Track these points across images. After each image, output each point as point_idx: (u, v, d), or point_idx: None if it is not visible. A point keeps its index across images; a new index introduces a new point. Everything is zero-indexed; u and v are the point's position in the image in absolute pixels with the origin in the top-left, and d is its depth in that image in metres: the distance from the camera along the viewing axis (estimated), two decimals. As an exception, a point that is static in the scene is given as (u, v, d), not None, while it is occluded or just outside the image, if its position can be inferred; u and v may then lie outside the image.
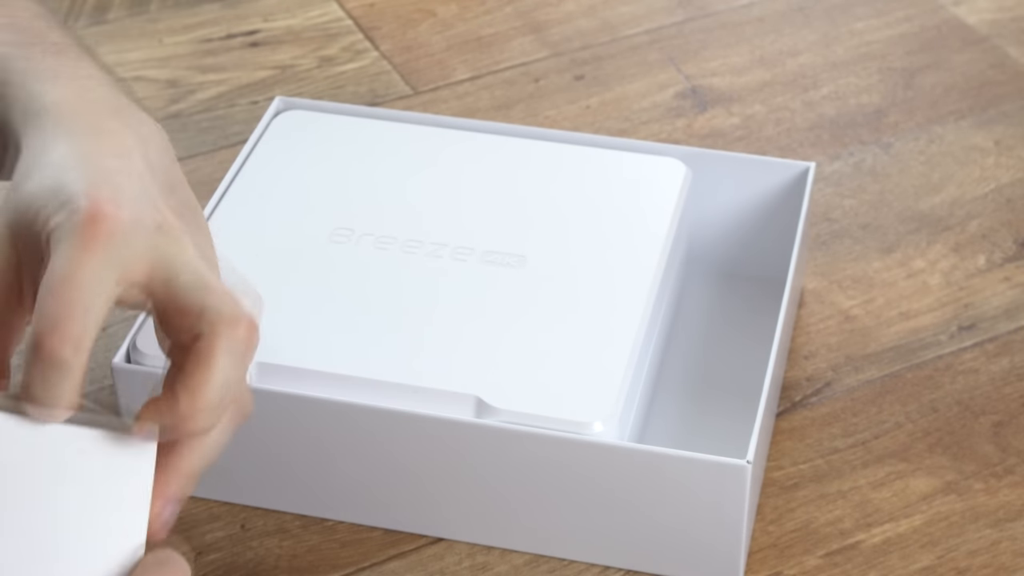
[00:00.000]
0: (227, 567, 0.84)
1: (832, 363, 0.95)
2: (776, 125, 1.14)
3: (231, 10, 1.26)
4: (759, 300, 0.97)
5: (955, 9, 1.25)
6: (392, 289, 0.87)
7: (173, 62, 1.21)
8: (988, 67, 1.19)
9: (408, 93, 1.18)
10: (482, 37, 1.23)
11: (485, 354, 0.84)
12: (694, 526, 0.81)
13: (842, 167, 1.10)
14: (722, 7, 1.26)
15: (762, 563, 0.84)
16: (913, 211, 1.06)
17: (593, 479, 0.81)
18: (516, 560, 0.85)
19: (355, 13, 1.26)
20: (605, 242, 0.90)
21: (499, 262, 0.89)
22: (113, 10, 1.26)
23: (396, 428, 0.82)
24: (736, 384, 0.92)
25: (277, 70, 1.20)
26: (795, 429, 0.91)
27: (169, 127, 1.14)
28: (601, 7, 1.26)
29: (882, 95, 1.17)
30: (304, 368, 0.83)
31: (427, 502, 0.84)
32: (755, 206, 0.98)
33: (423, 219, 0.92)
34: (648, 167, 0.95)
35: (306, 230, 0.91)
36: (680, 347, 0.95)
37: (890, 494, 0.88)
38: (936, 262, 1.02)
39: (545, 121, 1.14)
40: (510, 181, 0.95)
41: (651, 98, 1.16)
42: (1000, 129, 1.13)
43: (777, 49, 1.21)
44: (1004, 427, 0.92)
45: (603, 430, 0.80)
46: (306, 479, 0.85)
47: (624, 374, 0.83)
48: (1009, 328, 0.98)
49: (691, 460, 0.79)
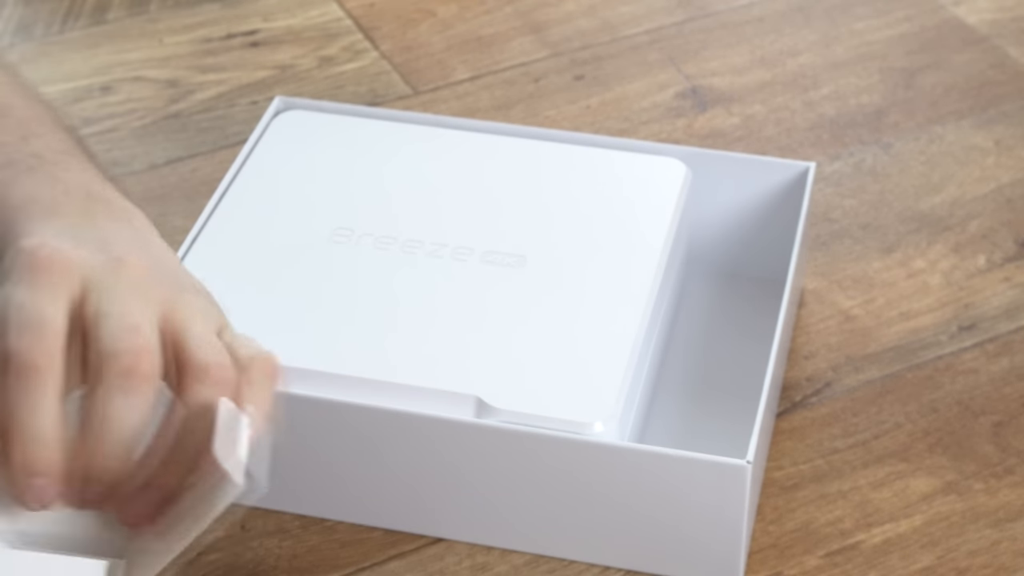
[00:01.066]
0: (227, 567, 0.84)
1: (832, 363, 0.95)
2: (776, 125, 1.14)
3: (231, 10, 1.26)
4: (759, 300, 0.97)
5: (955, 9, 1.25)
6: (392, 289, 0.87)
7: (173, 62, 1.21)
8: (988, 67, 1.19)
9: (408, 93, 1.18)
10: (482, 37, 1.23)
11: (485, 354, 0.84)
12: (694, 526, 0.81)
13: (842, 167, 1.10)
14: (722, 7, 1.26)
15: (762, 563, 0.84)
16: (913, 211, 1.06)
17: (593, 479, 0.81)
18: (516, 560, 0.85)
19: (355, 13, 1.26)
20: (605, 242, 0.90)
21: (499, 262, 0.89)
22: (113, 10, 1.26)
23: (396, 428, 0.82)
24: (736, 384, 0.92)
25: (277, 70, 1.20)
26: (795, 429, 0.91)
27: (169, 127, 1.14)
28: (601, 7, 1.26)
29: (882, 95, 1.17)
30: (304, 368, 0.83)
31: (427, 502, 0.84)
32: (755, 206, 0.98)
33: (423, 219, 0.92)
34: (648, 167, 0.95)
35: (306, 230, 0.91)
36: (680, 347, 0.95)
37: (890, 494, 0.88)
38: (936, 262, 1.02)
39: (545, 121, 1.14)
40: (510, 181, 0.95)
41: (651, 98, 1.16)
42: (1000, 129, 1.13)
43: (777, 49, 1.21)
44: (1004, 427, 0.92)
45: (603, 430, 0.80)
46: (306, 479, 0.85)
47: (624, 374, 0.83)
48: (1009, 328, 0.98)
49: (691, 460, 0.79)
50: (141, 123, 1.15)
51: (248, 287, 0.88)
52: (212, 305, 0.67)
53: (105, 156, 1.11)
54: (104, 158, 1.11)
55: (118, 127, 1.14)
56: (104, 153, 1.11)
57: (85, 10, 1.26)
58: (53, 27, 1.24)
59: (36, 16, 1.25)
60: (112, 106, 1.16)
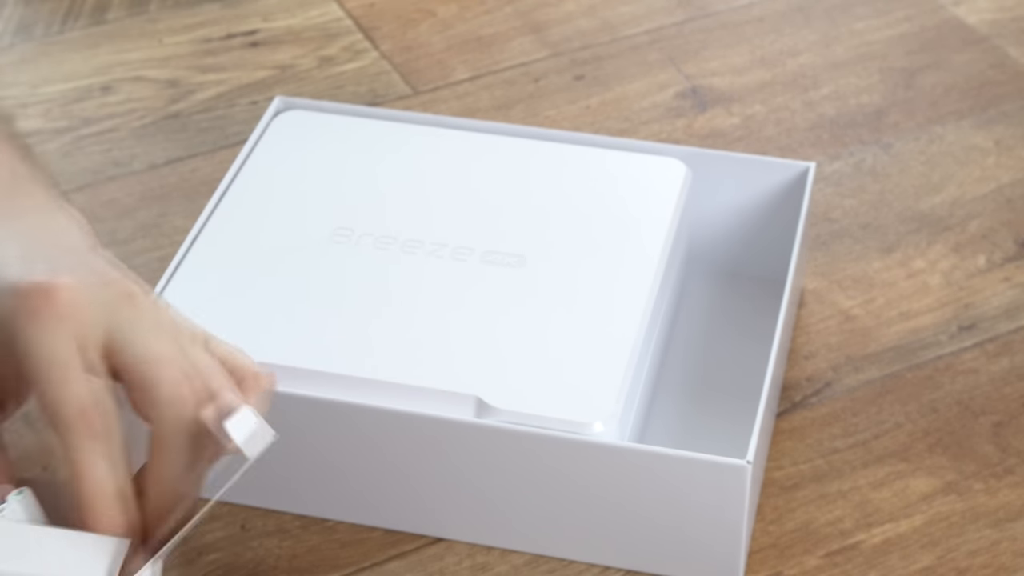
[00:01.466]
0: (227, 567, 0.84)
1: (832, 363, 0.95)
2: (776, 125, 1.14)
3: (231, 10, 1.26)
4: (759, 300, 0.97)
5: (955, 9, 1.25)
6: (392, 289, 0.87)
7: (173, 62, 1.21)
8: (988, 67, 1.19)
9: (408, 93, 1.18)
10: (482, 37, 1.23)
11: (485, 354, 0.84)
12: (694, 526, 0.81)
13: (842, 167, 1.10)
14: (722, 7, 1.26)
15: (762, 563, 0.84)
16: (913, 211, 1.06)
17: (593, 479, 0.81)
18: (516, 560, 0.85)
19: (355, 13, 1.26)
20: (605, 242, 0.90)
21: (499, 262, 0.89)
22: (113, 10, 1.26)
23: (396, 428, 0.82)
24: (736, 384, 0.92)
25: (277, 70, 1.20)
26: (795, 429, 0.91)
27: (169, 127, 1.14)
28: (601, 7, 1.26)
29: (882, 95, 1.17)
30: (304, 368, 0.83)
31: (427, 502, 0.84)
32: (755, 206, 0.98)
33: (423, 219, 0.92)
34: (648, 167, 0.95)
35: (306, 230, 0.91)
36: (680, 347, 0.95)
37: (890, 494, 0.88)
38: (936, 262, 1.02)
39: (545, 121, 1.14)
40: (510, 181, 0.95)
41: (651, 98, 1.16)
42: (1000, 129, 1.13)
43: (777, 49, 1.21)
44: (1004, 427, 0.92)
45: (603, 430, 0.80)
46: (306, 479, 0.85)
47: (624, 374, 0.83)
48: (1009, 328, 0.98)
49: (691, 460, 0.79)
50: (141, 123, 1.15)
51: (248, 287, 0.88)
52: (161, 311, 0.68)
53: (105, 156, 1.11)
54: (104, 158, 1.11)
55: (118, 127, 1.14)
56: (104, 153, 1.12)
57: (85, 10, 1.26)
58: (53, 27, 1.24)
59: (36, 16, 1.25)
60: (112, 106, 1.16)
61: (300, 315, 0.86)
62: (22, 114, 1.15)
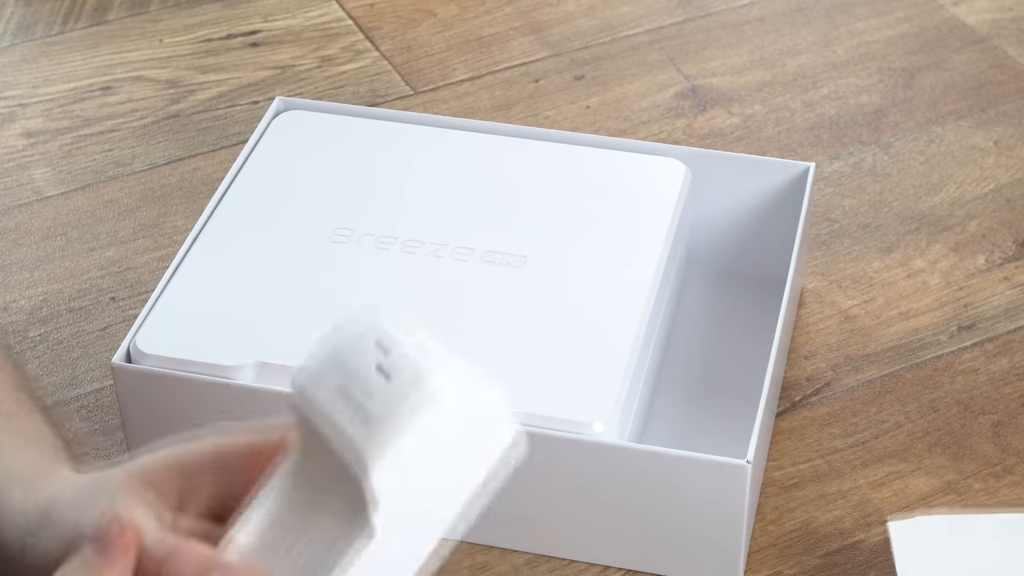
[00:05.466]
0: (227, 567, 0.84)
1: (832, 363, 0.95)
2: (776, 125, 1.14)
3: (231, 10, 1.26)
4: (759, 300, 0.97)
5: (955, 9, 1.25)
6: (392, 289, 0.87)
7: (173, 62, 1.21)
8: (988, 67, 1.19)
9: (408, 93, 1.18)
10: (482, 37, 1.23)
11: (485, 354, 0.84)
12: (694, 526, 0.81)
13: (842, 167, 1.10)
14: (722, 7, 1.26)
15: (762, 563, 0.84)
16: (913, 211, 1.06)
17: (593, 479, 0.81)
18: (516, 560, 0.85)
19: (355, 13, 1.26)
20: (605, 242, 0.90)
21: (499, 262, 0.89)
22: (113, 10, 1.26)
23: (396, 428, 0.81)
24: (736, 384, 0.92)
25: (277, 70, 1.20)
26: (795, 429, 0.92)
27: (169, 127, 1.14)
28: (601, 7, 1.26)
29: (882, 95, 1.17)
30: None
31: (427, 502, 0.84)
32: (755, 206, 0.98)
33: (423, 219, 0.92)
34: (648, 167, 0.95)
35: (306, 230, 0.91)
36: (680, 347, 0.95)
37: (890, 494, 0.88)
38: (936, 262, 1.02)
39: (545, 121, 1.14)
40: (510, 181, 0.95)
41: (651, 98, 1.16)
42: (1000, 129, 1.13)
43: (777, 49, 1.21)
44: (1004, 427, 0.92)
45: (603, 430, 0.80)
46: (306, 479, 0.85)
47: (624, 374, 0.83)
48: (1009, 328, 0.98)
49: (691, 460, 0.79)
50: (141, 123, 1.15)
51: (248, 287, 0.88)
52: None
53: (105, 156, 1.11)
54: (104, 158, 1.11)
55: (118, 127, 1.14)
56: (104, 153, 1.12)
57: (85, 10, 1.26)
58: (53, 27, 1.24)
59: (36, 16, 1.25)
60: (112, 106, 1.16)
61: (300, 315, 0.86)
62: (22, 114, 1.15)
